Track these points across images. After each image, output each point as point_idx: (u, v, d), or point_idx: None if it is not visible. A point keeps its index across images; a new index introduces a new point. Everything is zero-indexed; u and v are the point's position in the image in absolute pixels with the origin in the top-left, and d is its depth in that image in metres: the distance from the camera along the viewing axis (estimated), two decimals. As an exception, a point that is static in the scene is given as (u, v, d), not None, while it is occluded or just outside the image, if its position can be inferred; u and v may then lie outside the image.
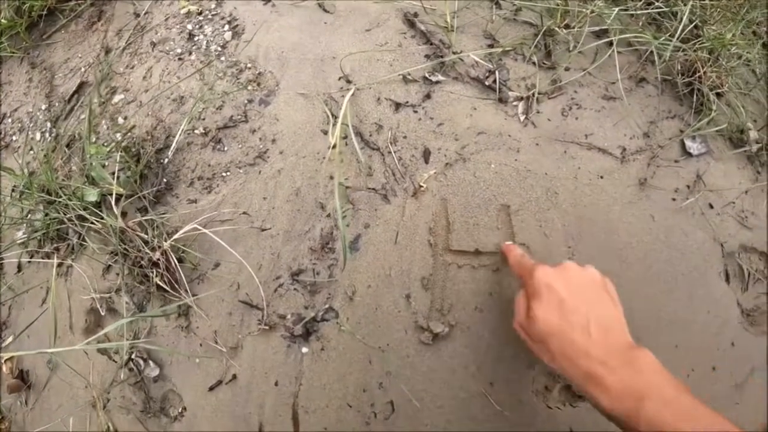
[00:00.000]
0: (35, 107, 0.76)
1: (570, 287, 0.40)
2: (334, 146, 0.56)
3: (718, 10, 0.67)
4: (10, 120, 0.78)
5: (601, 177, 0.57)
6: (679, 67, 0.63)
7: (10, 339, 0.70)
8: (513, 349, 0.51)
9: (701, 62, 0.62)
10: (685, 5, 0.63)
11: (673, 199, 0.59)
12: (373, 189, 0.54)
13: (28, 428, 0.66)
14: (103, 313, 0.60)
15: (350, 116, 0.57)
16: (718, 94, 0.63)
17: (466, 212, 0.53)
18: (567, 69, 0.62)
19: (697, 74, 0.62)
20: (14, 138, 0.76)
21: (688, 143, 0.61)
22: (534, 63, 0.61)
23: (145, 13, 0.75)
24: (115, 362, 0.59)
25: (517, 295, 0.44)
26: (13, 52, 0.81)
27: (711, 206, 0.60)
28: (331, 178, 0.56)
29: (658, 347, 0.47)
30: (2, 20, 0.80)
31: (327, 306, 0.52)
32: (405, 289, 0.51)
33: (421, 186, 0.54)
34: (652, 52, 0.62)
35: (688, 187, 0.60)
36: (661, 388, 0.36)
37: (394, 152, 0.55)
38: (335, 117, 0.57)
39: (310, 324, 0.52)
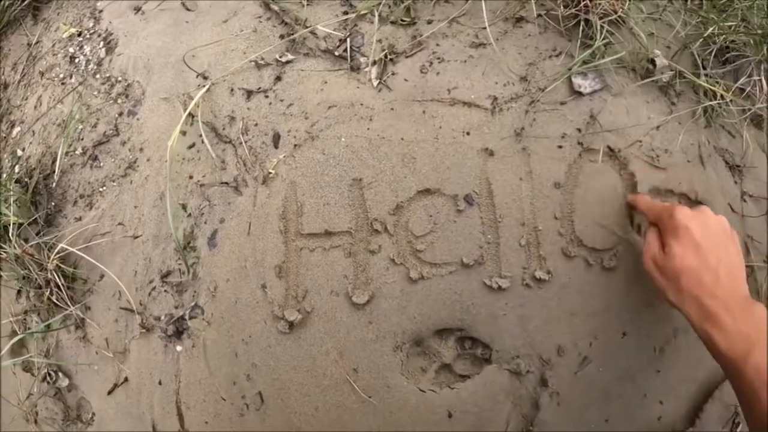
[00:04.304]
0: (-40, 151, 0.94)
1: (705, 231, 0.50)
2: (191, 147, 0.66)
3: None
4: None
5: (467, 133, 0.60)
6: (562, -1, 0.64)
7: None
8: (375, 333, 0.57)
9: (585, -12, 0.62)
10: None
11: (560, 147, 0.60)
12: (226, 183, 0.63)
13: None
14: (21, 335, 0.75)
15: (203, 112, 0.66)
16: (615, 23, 0.63)
17: (316, 193, 0.60)
18: (429, 22, 0.66)
19: (583, 3, 0.62)
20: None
21: (578, 81, 0.62)
22: (392, 22, 0.66)
23: (36, 43, 0.90)
24: (34, 377, 0.74)
25: (649, 232, 0.54)
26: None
27: (611, 149, 0.60)
28: (191, 177, 0.65)
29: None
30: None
31: (193, 303, 0.62)
32: (261, 279, 0.59)
33: (270, 172, 0.61)
34: (527, -16, 0.63)
35: (579, 130, 0.60)
36: None
37: (245, 142, 0.63)
38: (192, 116, 0.66)
39: (179, 323, 0.62)
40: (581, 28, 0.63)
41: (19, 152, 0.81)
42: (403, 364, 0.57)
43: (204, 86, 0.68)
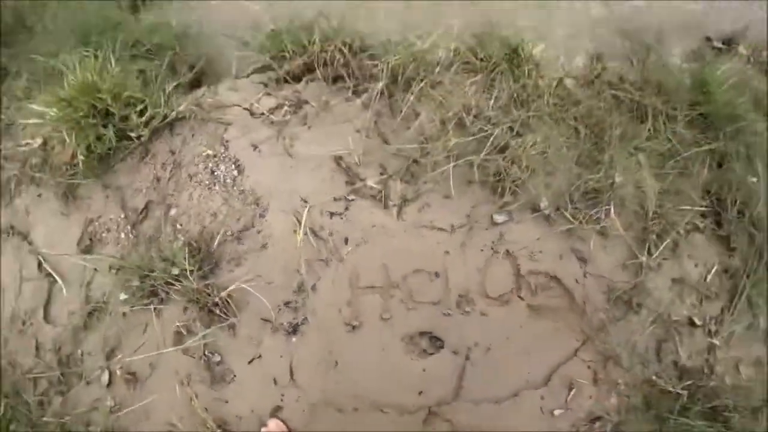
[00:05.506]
0: (115, 215, 1.55)
1: None
2: (301, 240, 1.38)
3: (536, 119, 1.50)
4: (96, 224, 1.57)
5: (439, 243, 1.40)
6: (492, 170, 1.46)
7: (119, 356, 1.50)
8: (393, 332, 1.34)
9: (505, 168, 1.45)
10: (496, 127, 1.45)
11: (482, 250, 1.42)
12: (322, 260, 1.36)
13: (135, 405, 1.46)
14: (184, 334, 1.41)
15: (307, 222, 1.39)
16: (523, 182, 1.46)
17: (367, 267, 1.36)
18: (425, 182, 1.45)
19: (501, 174, 1.44)
20: (104, 235, 1.55)
21: (495, 216, 1.45)
22: (406, 182, 1.44)
23: (179, 152, 1.54)
24: (193, 358, 1.40)
25: None
26: (89, 177, 1.59)
27: (508, 251, 1.44)
28: (300, 256, 1.37)
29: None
30: (81, 156, 1.57)
31: (304, 317, 1.34)
32: (339, 306, 1.34)
33: (343, 257, 1.36)
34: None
35: (493, 242, 1.43)
36: None
37: (330, 239, 1.37)
38: (299, 222, 1.38)
39: (295, 327, 1.34)
40: (500, 187, 1.45)
41: (178, 226, 1.46)
42: (405, 346, 1.35)
43: (306, 207, 1.40)
